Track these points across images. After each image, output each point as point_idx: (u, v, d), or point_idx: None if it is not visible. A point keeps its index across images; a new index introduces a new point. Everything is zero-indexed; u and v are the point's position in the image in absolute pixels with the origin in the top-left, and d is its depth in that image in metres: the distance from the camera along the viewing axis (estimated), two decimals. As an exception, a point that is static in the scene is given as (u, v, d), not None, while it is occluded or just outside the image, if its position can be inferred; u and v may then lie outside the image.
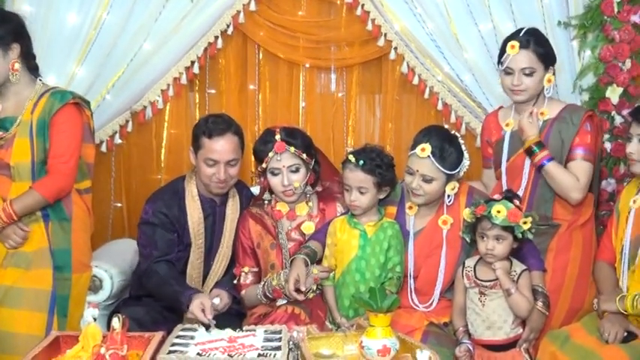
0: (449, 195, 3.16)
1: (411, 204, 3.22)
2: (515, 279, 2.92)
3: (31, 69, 3.28)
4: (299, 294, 3.01)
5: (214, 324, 2.86)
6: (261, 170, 3.28)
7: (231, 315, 3.19)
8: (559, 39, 3.74)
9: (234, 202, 3.45)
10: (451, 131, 3.26)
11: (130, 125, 4.10)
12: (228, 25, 4.04)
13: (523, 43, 3.21)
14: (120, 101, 4.00)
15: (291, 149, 3.22)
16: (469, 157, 3.18)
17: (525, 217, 2.89)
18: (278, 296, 3.17)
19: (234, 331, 2.74)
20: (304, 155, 3.25)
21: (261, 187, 3.37)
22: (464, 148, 3.15)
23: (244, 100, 4.27)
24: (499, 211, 2.87)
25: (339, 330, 2.96)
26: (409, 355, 2.58)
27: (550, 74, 3.26)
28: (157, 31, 3.91)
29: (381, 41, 4.04)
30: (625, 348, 2.78)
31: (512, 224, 2.87)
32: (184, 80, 4.08)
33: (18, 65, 3.19)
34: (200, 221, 3.38)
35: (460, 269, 3.06)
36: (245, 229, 3.34)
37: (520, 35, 3.24)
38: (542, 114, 3.28)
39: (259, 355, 2.49)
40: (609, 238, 3.18)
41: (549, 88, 3.28)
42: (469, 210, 3.00)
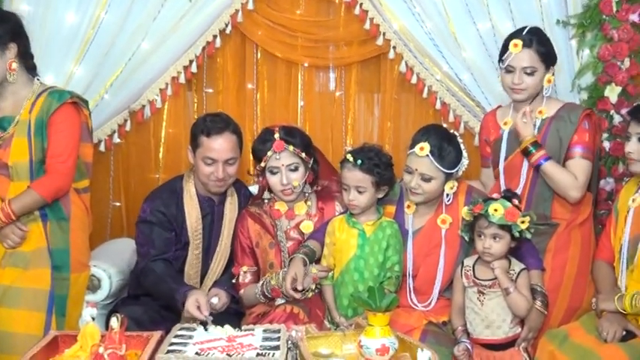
0: (448, 194, 3.16)
1: (410, 203, 3.21)
2: (514, 278, 2.92)
3: (29, 68, 3.28)
4: (296, 292, 3.01)
5: (211, 320, 2.87)
6: (260, 169, 3.28)
7: (230, 314, 3.19)
8: (558, 38, 3.74)
9: (232, 201, 3.45)
10: (450, 130, 3.26)
11: (129, 124, 4.10)
12: (226, 24, 4.04)
13: (526, 41, 3.21)
14: (118, 100, 4.00)
15: (290, 148, 3.22)
16: (468, 156, 3.17)
17: (523, 217, 2.89)
18: (277, 295, 3.17)
19: (233, 328, 2.73)
20: (303, 154, 3.25)
21: (260, 186, 3.37)
22: (463, 147, 3.15)
23: (242, 100, 4.27)
24: (496, 210, 2.87)
25: (337, 329, 2.95)
26: (408, 355, 2.58)
27: (550, 74, 3.26)
28: (155, 31, 3.91)
29: (380, 40, 4.04)
30: (623, 347, 2.78)
31: (509, 223, 2.87)
32: (183, 79, 4.07)
33: (15, 65, 3.18)
34: (198, 220, 3.37)
35: (459, 268, 3.06)
36: (244, 228, 3.34)
37: (523, 34, 3.24)
38: (541, 113, 3.28)
39: (258, 355, 2.48)
40: (608, 237, 3.18)
41: (548, 88, 3.28)
42: (467, 208, 3.00)
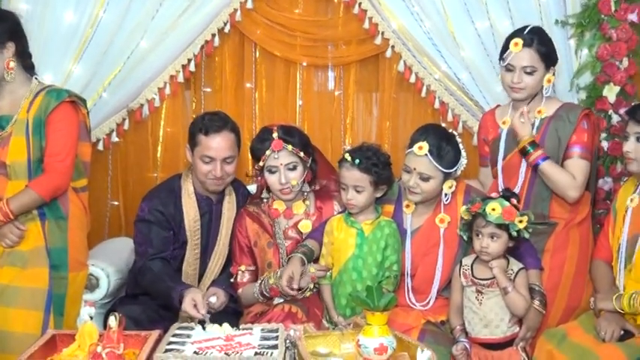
0: (446, 193, 3.16)
1: (409, 202, 3.21)
2: (512, 277, 2.92)
3: (27, 67, 3.27)
4: (293, 291, 3.01)
5: (208, 318, 2.87)
6: (259, 168, 3.28)
7: (228, 313, 3.18)
8: (556, 38, 3.72)
9: (230, 200, 3.45)
10: (448, 130, 3.26)
11: (127, 123, 4.09)
12: (225, 23, 4.03)
13: (527, 41, 3.21)
14: (116, 99, 3.99)
15: (289, 147, 3.22)
16: (466, 155, 3.17)
17: (521, 216, 2.89)
18: (275, 295, 3.17)
19: (231, 327, 2.73)
20: (301, 153, 3.25)
21: (259, 186, 3.37)
22: (461, 146, 3.15)
23: (241, 99, 4.26)
24: (494, 209, 2.87)
25: (336, 328, 2.96)
26: (406, 354, 2.58)
27: (550, 74, 3.26)
28: (153, 29, 3.91)
29: (379, 39, 4.04)
30: (621, 346, 2.78)
31: (507, 222, 2.87)
32: (181, 78, 4.07)
33: (13, 64, 3.18)
34: (196, 219, 3.37)
35: (457, 268, 3.06)
36: (242, 227, 3.34)
37: (524, 33, 3.23)
38: (540, 112, 3.28)
39: (256, 354, 2.48)
40: (606, 236, 3.18)
41: (548, 87, 3.28)
42: (465, 207, 3.00)
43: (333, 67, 4.27)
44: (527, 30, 3.25)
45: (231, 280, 3.31)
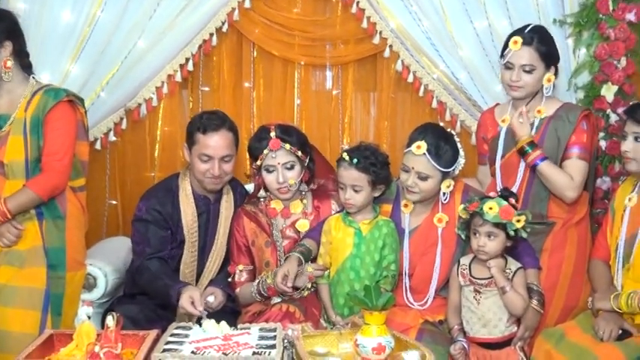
0: (444, 193, 3.16)
1: (407, 202, 3.21)
2: (510, 277, 2.92)
3: (25, 67, 3.27)
4: (286, 288, 3.00)
5: (206, 315, 2.87)
6: (256, 167, 3.27)
7: (226, 313, 3.18)
8: (554, 37, 3.71)
9: (228, 199, 3.45)
10: (447, 129, 3.26)
11: (124, 123, 4.08)
12: (223, 23, 4.03)
13: (526, 39, 3.21)
14: (114, 99, 3.99)
15: (286, 146, 3.22)
16: (464, 155, 3.17)
17: (518, 215, 2.89)
18: (272, 294, 3.16)
19: (229, 327, 2.73)
20: (299, 152, 3.25)
21: (256, 185, 3.37)
22: (459, 146, 3.14)
23: (239, 98, 4.26)
24: (491, 208, 2.87)
25: (334, 328, 2.96)
26: (404, 354, 2.58)
27: (551, 74, 3.26)
28: (151, 29, 3.90)
29: (377, 39, 4.04)
30: (619, 346, 2.78)
31: (504, 221, 2.87)
32: (179, 78, 4.06)
33: (10, 63, 3.18)
34: (194, 219, 3.37)
35: (455, 267, 3.06)
36: (239, 226, 3.34)
37: (525, 32, 3.24)
38: (539, 112, 3.28)
39: (254, 354, 2.47)
40: (604, 236, 3.18)
41: (549, 87, 3.28)
42: (463, 206, 3.00)
43: (331, 66, 4.27)
44: (529, 29, 3.25)
45: (229, 280, 3.31)
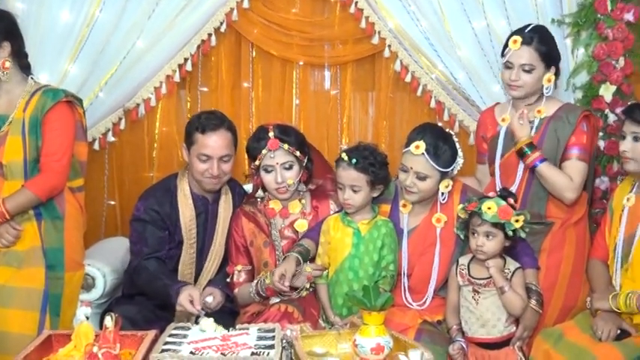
0: (443, 193, 3.16)
1: (405, 202, 3.21)
2: (509, 277, 2.92)
3: (23, 67, 3.28)
4: (283, 287, 3.00)
5: (204, 314, 2.87)
6: (255, 168, 3.27)
7: (224, 313, 3.18)
8: (553, 37, 3.75)
9: (226, 199, 3.45)
10: (445, 129, 3.26)
11: (123, 123, 4.08)
12: (221, 23, 4.03)
13: (526, 39, 3.21)
14: (113, 99, 3.99)
15: (285, 146, 3.22)
16: (463, 155, 3.17)
17: (517, 215, 2.89)
18: (271, 295, 3.17)
19: (227, 327, 2.73)
20: (298, 153, 3.25)
21: (254, 185, 3.37)
22: (458, 146, 3.14)
23: (237, 98, 4.26)
24: (489, 208, 2.87)
25: (332, 328, 2.96)
26: (402, 354, 2.58)
27: (551, 74, 3.26)
28: (150, 29, 3.90)
29: (375, 39, 4.04)
30: (618, 346, 2.78)
31: (502, 221, 2.87)
32: (177, 78, 4.06)
33: (9, 64, 3.18)
34: (192, 219, 3.37)
35: (454, 267, 3.06)
36: (238, 227, 3.34)
37: (525, 31, 3.24)
38: (539, 112, 3.28)
39: (252, 354, 2.48)
40: (603, 236, 3.18)
41: (549, 87, 3.28)
42: (462, 206, 3.00)
43: (329, 66, 4.27)
44: (529, 28, 3.26)
45: (228, 280, 3.31)
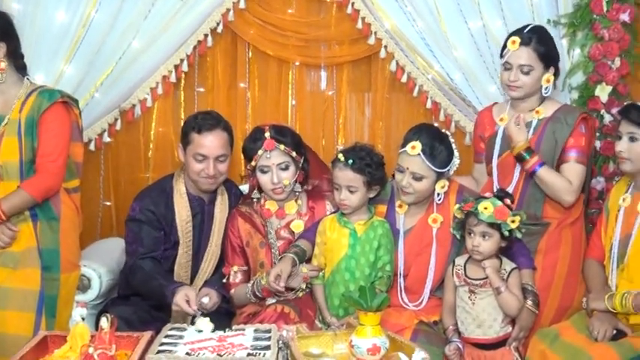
0: (439, 193, 3.16)
1: (401, 202, 3.21)
2: (505, 277, 2.92)
3: (19, 68, 3.26)
4: (279, 287, 3.00)
5: (200, 314, 2.87)
6: (251, 168, 3.27)
7: (221, 314, 3.18)
8: (549, 37, 3.75)
9: (222, 200, 3.45)
10: (441, 130, 3.26)
11: (119, 123, 4.07)
12: (217, 24, 4.02)
13: (525, 40, 3.21)
14: (108, 99, 3.98)
15: (281, 147, 3.22)
16: (459, 155, 3.17)
17: (513, 216, 2.89)
18: (267, 295, 3.16)
19: (224, 328, 2.73)
20: (294, 153, 3.25)
21: (251, 186, 3.37)
22: (454, 146, 3.15)
23: (234, 99, 4.25)
24: (486, 208, 2.88)
25: (328, 329, 2.95)
26: (399, 354, 2.58)
27: (550, 74, 3.26)
28: (146, 29, 3.90)
29: (371, 39, 4.03)
30: (614, 346, 2.79)
31: (499, 221, 2.87)
32: (173, 78, 4.06)
33: (4, 64, 3.17)
34: (188, 219, 3.37)
35: (450, 268, 3.06)
36: (234, 227, 3.33)
37: (524, 32, 3.24)
38: (537, 113, 3.28)
39: (248, 355, 2.47)
40: (599, 236, 3.18)
41: (548, 87, 3.28)
42: (458, 206, 3.00)
43: (325, 67, 4.26)
44: (528, 29, 3.26)
45: (224, 281, 3.31)
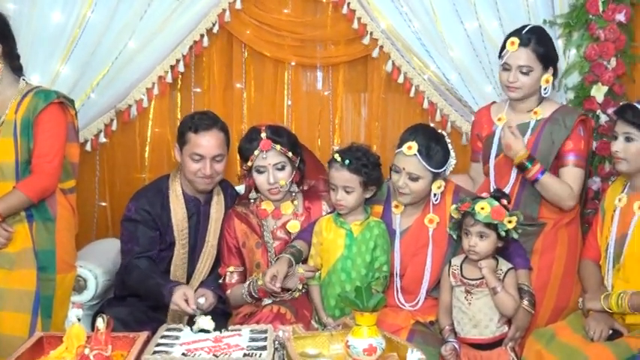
0: (435, 194, 3.16)
1: (397, 203, 3.21)
2: (501, 278, 2.92)
3: (15, 69, 3.26)
4: (275, 287, 3.00)
5: (199, 313, 2.87)
6: (247, 169, 3.27)
7: (217, 314, 3.14)
8: (545, 38, 3.75)
9: (218, 201, 3.44)
10: (437, 130, 3.26)
11: (115, 124, 4.07)
12: (213, 24, 4.02)
13: (524, 40, 3.21)
14: (104, 100, 3.97)
15: (277, 147, 3.22)
16: (455, 155, 3.17)
17: (510, 216, 2.89)
18: (263, 296, 3.16)
19: (220, 329, 2.73)
20: (290, 153, 3.25)
21: (247, 186, 3.37)
22: (450, 147, 3.14)
23: (230, 99, 4.25)
24: (483, 208, 2.88)
25: (325, 329, 2.95)
26: (395, 355, 2.58)
27: (549, 74, 3.26)
28: (142, 30, 3.89)
29: (367, 40, 4.03)
30: (610, 346, 2.79)
31: (495, 222, 2.87)
32: (169, 79, 4.05)
33: (0, 65, 3.17)
34: (184, 220, 3.36)
35: (446, 268, 3.06)
36: (230, 228, 3.33)
37: (522, 33, 3.24)
38: (536, 113, 3.28)
39: (245, 355, 2.47)
40: (594, 236, 3.19)
41: (547, 88, 3.28)
42: (455, 206, 3.00)
43: (321, 67, 4.26)
44: (526, 29, 3.25)
45: (220, 282, 3.30)
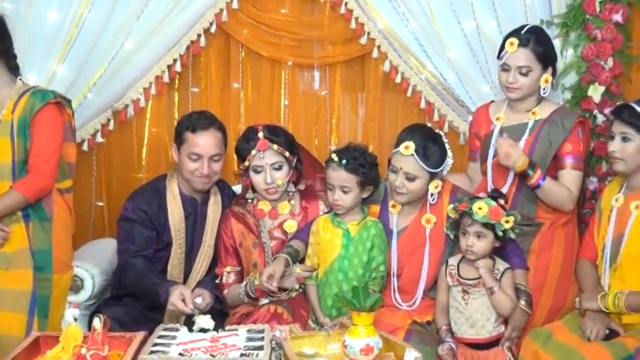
0: (432, 194, 3.16)
1: (395, 203, 3.21)
2: (498, 277, 2.93)
3: (11, 68, 3.25)
4: (271, 287, 2.99)
5: (197, 313, 2.87)
6: (244, 168, 3.27)
7: (214, 314, 3.12)
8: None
9: (215, 200, 3.44)
10: (435, 130, 3.26)
11: (112, 124, 4.07)
12: (210, 24, 4.01)
13: (523, 41, 3.20)
14: (101, 100, 3.97)
15: (274, 147, 3.22)
16: (452, 155, 3.17)
17: (507, 216, 2.89)
18: (260, 296, 3.16)
19: (217, 329, 2.73)
20: (287, 153, 3.25)
21: (244, 186, 3.37)
22: (447, 146, 3.15)
23: (227, 99, 4.24)
24: (480, 208, 2.88)
25: (322, 329, 2.95)
26: (392, 355, 2.58)
27: (548, 74, 3.26)
28: (138, 30, 3.88)
29: (364, 40, 4.03)
30: (607, 346, 2.79)
31: (493, 222, 2.88)
32: (166, 79, 4.05)
33: (-3, 65, 3.17)
34: (181, 220, 3.36)
35: (443, 268, 3.06)
36: (227, 228, 3.33)
37: (521, 33, 3.23)
38: (534, 113, 3.28)
39: (242, 355, 2.47)
40: (591, 236, 3.19)
41: (546, 88, 3.28)
42: (452, 206, 3.00)
43: (319, 67, 4.25)
44: (525, 30, 3.25)
45: (217, 281, 3.30)
